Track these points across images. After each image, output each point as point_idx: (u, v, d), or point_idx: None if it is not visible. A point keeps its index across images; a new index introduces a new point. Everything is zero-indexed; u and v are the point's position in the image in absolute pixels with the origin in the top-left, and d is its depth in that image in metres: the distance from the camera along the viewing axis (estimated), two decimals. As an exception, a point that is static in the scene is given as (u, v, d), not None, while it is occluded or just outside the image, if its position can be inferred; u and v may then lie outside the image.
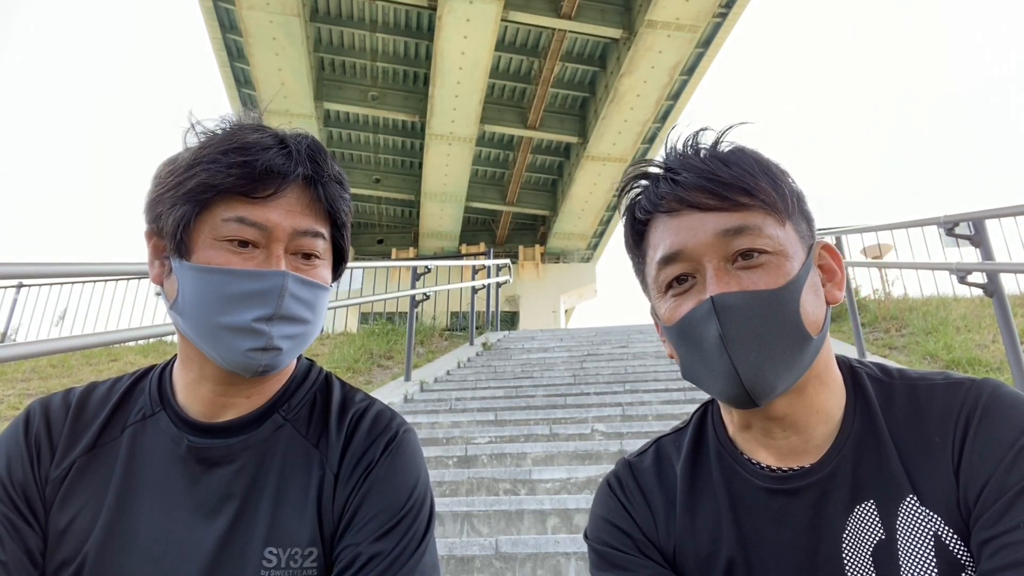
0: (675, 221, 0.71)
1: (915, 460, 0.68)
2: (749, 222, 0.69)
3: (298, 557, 0.75)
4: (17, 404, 5.25)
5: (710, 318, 0.67)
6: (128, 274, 3.24)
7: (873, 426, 0.72)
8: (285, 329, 0.75)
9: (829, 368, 0.74)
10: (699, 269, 0.70)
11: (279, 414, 0.83)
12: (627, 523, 0.79)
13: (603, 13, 12.12)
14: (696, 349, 0.70)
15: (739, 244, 0.68)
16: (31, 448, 0.80)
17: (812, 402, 0.72)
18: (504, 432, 3.95)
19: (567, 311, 20.45)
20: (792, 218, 0.72)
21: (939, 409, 0.70)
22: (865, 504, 0.69)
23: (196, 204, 0.75)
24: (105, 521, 0.76)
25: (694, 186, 0.70)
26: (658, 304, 0.75)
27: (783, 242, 0.69)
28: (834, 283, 0.75)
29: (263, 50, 12.16)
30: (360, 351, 6.91)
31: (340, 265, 0.87)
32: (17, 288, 8.05)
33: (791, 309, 0.67)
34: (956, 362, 4.69)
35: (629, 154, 14.72)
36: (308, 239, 0.78)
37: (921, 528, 0.66)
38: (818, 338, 0.69)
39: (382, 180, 16.87)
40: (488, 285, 8.73)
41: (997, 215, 3.57)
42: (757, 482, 0.74)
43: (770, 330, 0.66)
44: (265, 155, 0.75)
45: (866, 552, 0.68)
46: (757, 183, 0.70)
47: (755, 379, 0.66)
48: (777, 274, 0.68)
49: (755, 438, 0.75)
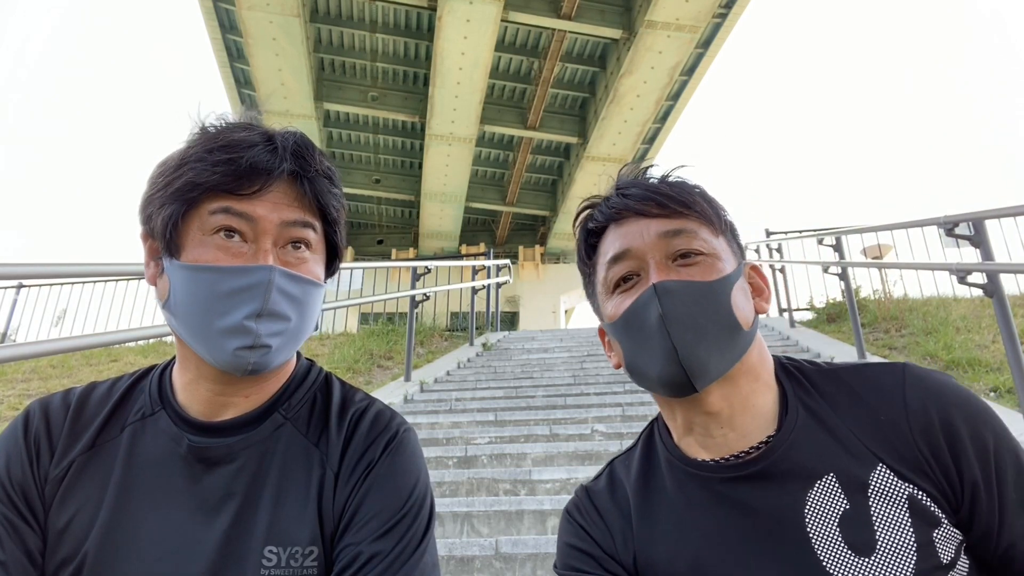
0: (623, 227, 0.82)
1: (870, 437, 0.74)
2: (687, 226, 0.79)
3: (298, 556, 0.75)
4: (17, 404, 5.25)
5: (652, 301, 0.75)
6: (128, 274, 3.24)
7: (815, 409, 0.78)
8: (273, 326, 0.75)
9: (763, 366, 0.81)
10: (643, 267, 0.79)
11: (279, 413, 0.83)
12: (587, 544, 0.84)
13: (603, 13, 12.13)
14: (638, 334, 0.77)
15: (678, 244, 0.78)
16: (30, 448, 0.80)
17: (746, 397, 0.78)
18: (504, 432, 3.95)
19: (567, 311, 20.45)
20: (725, 235, 0.82)
21: (874, 391, 0.77)
22: (826, 478, 0.73)
23: (183, 203, 0.75)
24: (105, 520, 0.76)
25: (640, 197, 0.81)
26: (605, 305, 0.83)
27: (716, 247, 0.79)
28: (762, 298, 0.84)
29: (263, 50, 12.17)
30: (360, 351, 6.92)
31: (334, 262, 0.86)
32: (17, 288, 8.06)
33: (723, 300, 0.76)
34: (956, 362, 4.69)
35: (629, 154, 14.72)
36: (297, 229, 0.78)
37: (894, 492, 0.71)
38: (749, 331, 0.77)
39: (382, 180, 16.87)
40: (488, 285, 8.74)
41: (997, 215, 3.57)
42: (710, 475, 0.78)
43: (705, 315, 0.74)
44: (250, 152, 0.75)
45: (832, 524, 0.71)
46: (694, 199, 0.81)
47: (691, 358, 0.73)
48: (711, 271, 0.77)
49: (696, 439, 0.80)
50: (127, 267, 2.66)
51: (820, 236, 6.00)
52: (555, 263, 19.07)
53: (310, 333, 0.83)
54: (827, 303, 7.37)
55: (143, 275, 0.85)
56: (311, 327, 0.82)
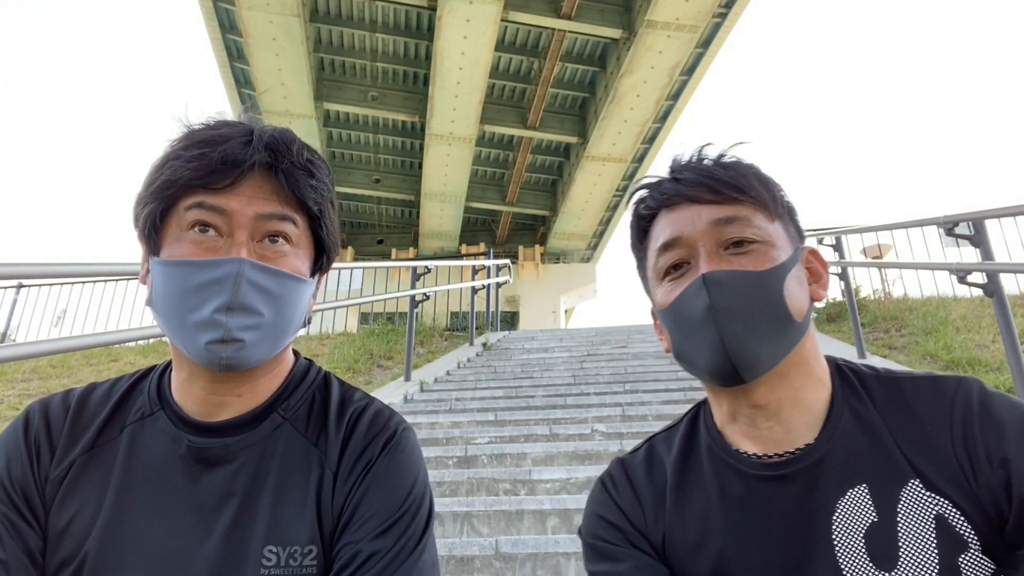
0: (675, 214, 0.79)
1: (912, 448, 0.72)
2: (740, 213, 0.76)
3: (297, 555, 0.75)
4: (17, 404, 5.25)
5: (700, 292, 0.73)
6: (128, 274, 3.24)
7: (863, 414, 0.75)
8: (246, 320, 0.73)
9: (813, 361, 0.78)
10: (694, 255, 0.76)
11: (278, 413, 0.83)
12: (617, 517, 0.83)
13: (603, 13, 12.13)
14: (687, 324, 0.75)
15: (730, 232, 0.75)
16: (31, 448, 0.80)
17: (795, 391, 0.76)
18: (504, 432, 3.95)
19: (567, 311, 20.45)
20: (781, 219, 0.79)
21: (926, 402, 0.74)
22: (858, 488, 0.72)
23: (162, 200, 0.76)
24: (105, 521, 0.76)
25: (693, 183, 0.78)
26: (655, 291, 0.81)
27: (771, 234, 0.76)
28: (819, 284, 0.81)
29: (263, 50, 12.17)
30: (360, 351, 6.91)
31: (322, 257, 0.85)
32: (17, 288, 8.06)
33: (775, 290, 0.73)
34: (956, 362, 4.69)
35: (629, 154, 14.72)
36: (274, 222, 0.77)
37: (923, 510, 0.69)
38: (801, 323, 0.75)
39: (382, 180, 16.88)
40: (488, 285, 8.73)
41: (997, 215, 3.57)
42: (746, 469, 0.77)
43: (755, 306, 0.72)
44: (224, 147, 0.75)
45: (858, 534, 0.70)
46: (749, 183, 0.78)
47: (739, 350, 0.71)
48: (764, 259, 0.74)
49: (741, 430, 0.79)
50: (127, 267, 2.66)
51: (820, 236, 6.00)
52: (555, 263, 19.07)
53: (295, 329, 0.81)
54: (827, 303, 7.37)
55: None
56: (292, 323, 0.80)
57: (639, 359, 5.96)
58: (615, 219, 17.88)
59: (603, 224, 18.11)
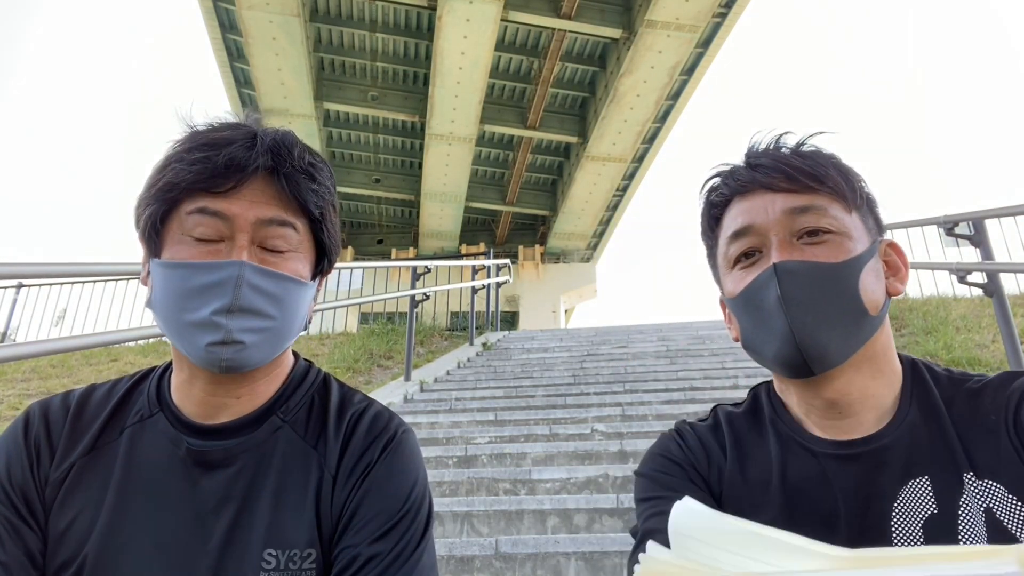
0: (747, 201, 0.77)
1: (972, 439, 0.71)
2: (816, 203, 0.74)
3: (297, 558, 0.75)
4: (17, 404, 5.25)
5: (771, 281, 0.71)
6: (128, 274, 3.24)
7: (933, 410, 0.74)
8: (246, 322, 0.74)
9: (886, 356, 0.76)
10: (766, 244, 0.75)
11: (277, 416, 0.83)
12: (682, 458, 0.82)
13: (603, 13, 12.12)
14: (757, 313, 0.74)
15: (805, 222, 0.73)
16: (30, 450, 0.80)
17: (867, 386, 0.74)
18: (504, 432, 3.95)
19: (567, 311, 20.45)
20: (860, 210, 0.76)
21: (992, 393, 0.73)
22: (920, 480, 0.71)
23: (163, 203, 0.76)
24: (105, 523, 0.76)
25: (769, 169, 0.76)
26: (725, 279, 0.80)
27: (847, 225, 0.74)
28: (897, 278, 0.78)
29: (263, 50, 12.17)
30: (360, 351, 6.92)
31: (323, 260, 0.85)
32: (17, 288, 8.06)
33: (850, 283, 0.71)
34: (956, 362, 4.69)
35: (629, 154, 14.72)
36: (275, 228, 0.77)
37: (977, 502, 0.68)
38: (876, 317, 0.73)
39: (382, 180, 16.87)
40: (488, 285, 8.73)
41: (997, 215, 3.57)
42: (810, 446, 0.76)
43: (828, 298, 0.70)
44: (227, 150, 0.75)
45: (916, 524, 0.69)
46: (828, 172, 0.75)
47: (810, 342, 0.69)
48: (839, 251, 0.72)
49: (812, 421, 0.77)
50: (127, 267, 2.66)
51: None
52: (555, 263, 19.07)
53: (295, 332, 0.81)
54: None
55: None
56: (293, 325, 0.80)
57: (639, 359, 5.96)
58: (615, 219, 17.88)
59: (603, 224, 18.10)
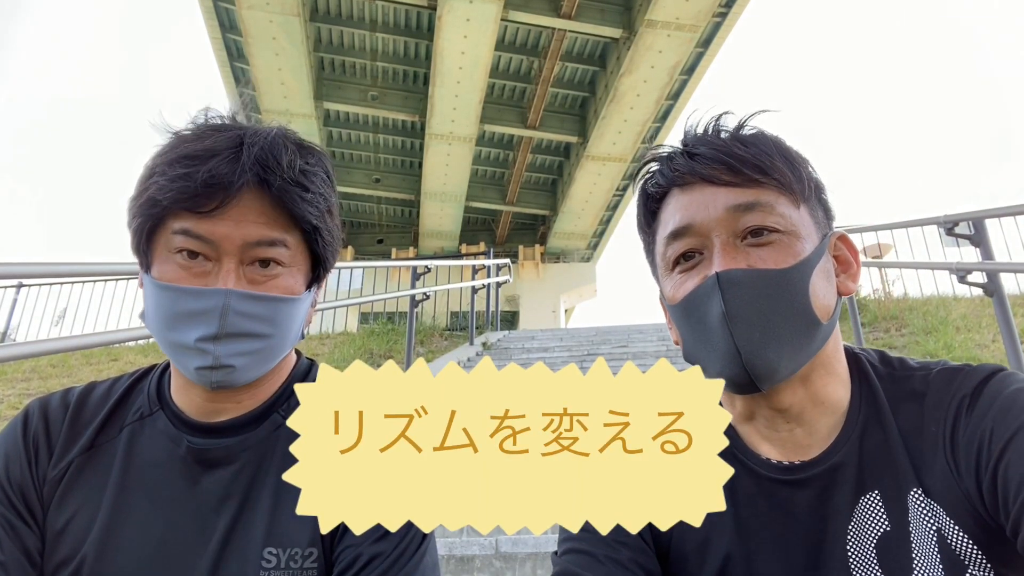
0: (687, 196, 0.70)
1: (918, 451, 0.66)
2: (762, 199, 0.67)
3: (298, 558, 0.75)
4: (17, 404, 5.25)
5: (714, 293, 0.65)
6: (128, 274, 3.24)
7: (879, 417, 0.69)
8: (236, 347, 0.73)
9: (837, 358, 0.72)
10: (707, 245, 0.68)
11: (278, 414, 0.83)
12: None
13: (603, 13, 12.12)
14: (699, 326, 0.68)
15: (749, 220, 0.67)
16: (29, 448, 0.79)
17: (818, 392, 0.70)
18: (504, 432, 3.95)
19: (567, 311, 20.44)
20: (808, 203, 0.70)
21: (934, 397, 0.68)
22: (870, 495, 0.67)
23: (148, 218, 0.74)
24: (103, 521, 0.76)
25: (709, 159, 0.69)
26: (664, 282, 0.74)
27: (795, 222, 0.68)
28: (848, 275, 0.73)
29: (263, 50, 12.16)
30: (360, 351, 6.91)
31: (318, 269, 0.82)
32: (17, 288, 8.05)
33: (800, 290, 0.65)
34: (956, 362, 4.68)
35: (629, 154, 14.70)
36: (263, 248, 0.74)
37: (927, 521, 0.64)
38: (827, 324, 0.67)
39: (382, 180, 16.86)
40: (488, 285, 8.72)
41: (997, 215, 3.57)
42: (761, 471, 0.71)
43: (776, 310, 0.64)
44: (209, 164, 0.71)
45: (870, 543, 0.66)
46: (773, 163, 0.68)
47: (757, 360, 0.63)
48: (787, 253, 0.66)
49: (758, 430, 0.73)
50: (127, 267, 2.66)
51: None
52: (555, 262, 19.05)
53: (290, 344, 0.81)
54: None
55: None
56: (286, 341, 0.79)
57: (639, 359, 5.95)
58: (615, 219, 17.87)
59: (603, 224, 18.10)
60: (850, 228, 5.72)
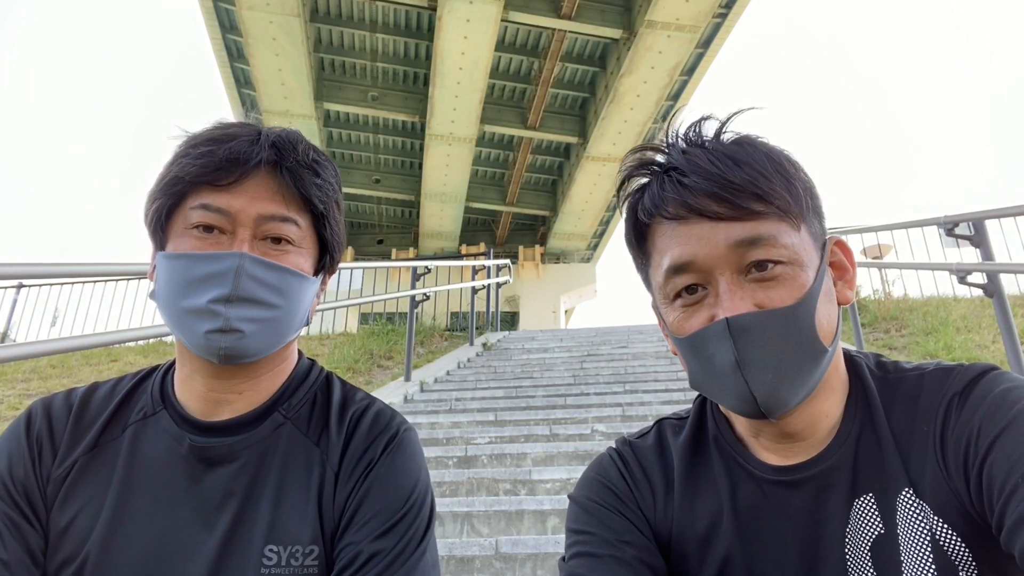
0: (683, 228, 0.67)
1: (909, 452, 0.67)
2: (763, 232, 0.65)
3: (299, 555, 0.76)
4: (17, 404, 5.25)
5: (724, 340, 0.64)
6: (128, 274, 3.25)
7: (873, 420, 0.70)
8: (246, 311, 0.75)
9: (837, 372, 0.72)
10: (710, 280, 0.67)
11: (279, 412, 0.83)
12: (622, 489, 0.77)
13: (603, 13, 12.12)
14: (709, 366, 0.67)
15: (753, 255, 0.65)
16: (32, 447, 0.80)
17: (821, 408, 0.71)
18: (504, 432, 3.95)
19: (567, 311, 20.44)
20: (806, 219, 0.68)
21: (927, 397, 0.68)
22: (865, 497, 0.68)
23: (169, 196, 0.78)
24: (106, 520, 0.76)
25: (703, 192, 0.66)
26: (666, 311, 0.72)
27: (798, 250, 0.66)
28: (845, 281, 0.73)
29: (263, 50, 12.16)
30: (360, 351, 6.92)
31: (325, 257, 0.85)
32: (17, 288, 8.05)
33: (807, 325, 0.64)
34: (956, 362, 4.68)
35: (629, 154, 14.69)
36: (275, 223, 0.78)
37: (918, 522, 0.65)
38: (832, 348, 0.67)
39: (382, 180, 16.86)
40: (488, 285, 8.73)
41: (997, 215, 3.57)
42: (757, 473, 0.73)
43: (786, 349, 0.64)
44: (230, 144, 0.77)
45: (865, 546, 0.66)
46: (772, 187, 0.66)
47: (770, 399, 0.64)
48: (793, 286, 0.65)
49: (764, 445, 0.74)
50: (127, 267, 2.66)
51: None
52: (555, 263, 19.06)
53: (296, 326, 0.82)
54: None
55: (142, 275, 0.85)
56: (294, 318, 0.80)
57: (639, 359, 5.96)
58: (615, 219, 17.86)
59: (603, 224, 18.10)
60: (850, 229, 5.72)
